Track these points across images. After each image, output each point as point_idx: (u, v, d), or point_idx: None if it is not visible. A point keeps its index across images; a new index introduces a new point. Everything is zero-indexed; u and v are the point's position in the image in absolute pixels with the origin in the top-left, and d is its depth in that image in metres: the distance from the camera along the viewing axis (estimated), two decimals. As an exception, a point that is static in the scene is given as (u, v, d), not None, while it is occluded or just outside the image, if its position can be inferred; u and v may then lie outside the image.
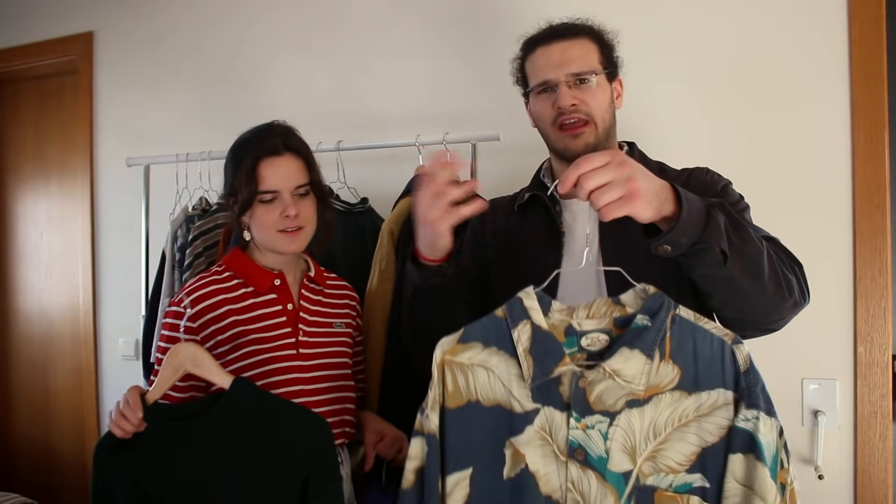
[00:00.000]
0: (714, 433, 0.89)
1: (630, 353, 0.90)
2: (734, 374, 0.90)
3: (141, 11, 2.52)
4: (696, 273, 0.97)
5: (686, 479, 0.90)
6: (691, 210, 0.90)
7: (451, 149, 1.70)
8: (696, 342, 0.91)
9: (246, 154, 1.29)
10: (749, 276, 0.97)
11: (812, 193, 1.62)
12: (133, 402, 1.13)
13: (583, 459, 0.92)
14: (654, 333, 0.91)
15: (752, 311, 1.00)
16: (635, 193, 0.85)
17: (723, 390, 0.90)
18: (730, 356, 0.90)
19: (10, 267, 2.93)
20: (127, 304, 2.50)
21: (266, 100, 2.27)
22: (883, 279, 1.57)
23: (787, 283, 1.02)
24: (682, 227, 0.89)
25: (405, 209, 1.63)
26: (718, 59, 1.72)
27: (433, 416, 0.95)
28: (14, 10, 2.79)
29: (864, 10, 1.59)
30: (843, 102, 1.60)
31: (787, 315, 1.06)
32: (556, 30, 1.23)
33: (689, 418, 0.90)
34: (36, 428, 2.82)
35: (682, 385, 0.91)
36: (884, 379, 1.56)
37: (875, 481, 1.55)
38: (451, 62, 2.01)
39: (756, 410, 0.87)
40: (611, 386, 0.91)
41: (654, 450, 0.91)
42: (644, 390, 0.90)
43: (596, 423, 0.91)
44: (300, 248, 1.32)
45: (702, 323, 0.92)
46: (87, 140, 2.63)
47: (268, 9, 2.28)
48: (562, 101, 1.17)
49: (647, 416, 0.91)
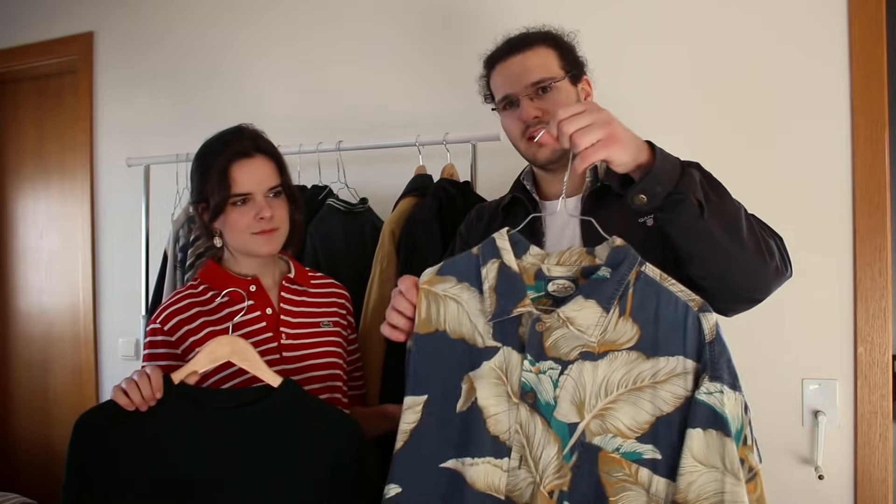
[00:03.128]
0: (669, 402, 0.87)
1: (585, 302, 0.90)
2: (697, 342, 0.87)
3: (141, 12, 2.52)
4: (674, 229, 0.97)
5: (636, 448, 0.88)
6: (665, 161, 0.93)
7: (451, 149, 1.71)
8: (659, 303, 0.89)
9: (215, 158, 1.26)
10: (727, 231, 0.96)
11: (812, 193, 1.62)
12: (154, 376, 1.08)
13: (532, 403, 0.91)
14: (614, 286, 0.90)
15: (733, 275, 0.99)
16: (613, 136, 0.88)
17: (682, 358, 0.87)
18: (694, 323, 0.87)
19: (10, 267, 2.93)
20: (127, 304, 2.50)
21: (266, 99, 2.27)
22: (883, 279, 1.56)
23: (767, 245, 1.02)
24: (657, 174, 0.91)
25: (406, 209, 1.63)
26: (718, 58, 1.72)
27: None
28: (14, 10, 2.79)
29: (864, 10, 1.59)
30: (843, 102, 1.60)
31: (770, 282, 1.04)
32: (512, 43, 1.24)
33: (645, 383, 0.88)
34: (36, 428, 2.83)
35: (639, 346, 0.89)
36: (884, 379, 1.56)
37: (875, 481, 1.55)
38: (451, 62, 2.01)
39: (720, 383, 0.84)
40: (566, 334, 0.90)
41: (603, 408, 0.89)
42: (598, 343, 0.89)
43: (548, 369, 0.91)
44: (276, 250, 1.30)
45: (668, 284, 0.90)
46: (87, 140, 2.63)
47: (268, 9, 2.28)
48: (524, 114, 1.19)
49: (601, 371, 0.90)
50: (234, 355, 1.14)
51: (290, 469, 1.09)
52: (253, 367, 1.14)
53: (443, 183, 1.63)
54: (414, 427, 0.96)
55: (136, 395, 1.07)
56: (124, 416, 1.07)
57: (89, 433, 1.08)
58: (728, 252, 0.97)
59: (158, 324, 1.28)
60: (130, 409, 1.07)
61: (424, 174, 1.72)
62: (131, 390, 1.07)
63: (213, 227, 1.31)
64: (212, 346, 1.14)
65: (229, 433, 1.09)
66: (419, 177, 1.71)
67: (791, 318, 1.61)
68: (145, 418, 1.08)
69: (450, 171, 1.69)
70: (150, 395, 1.07)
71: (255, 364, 1.14)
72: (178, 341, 1.26)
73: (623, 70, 1.75)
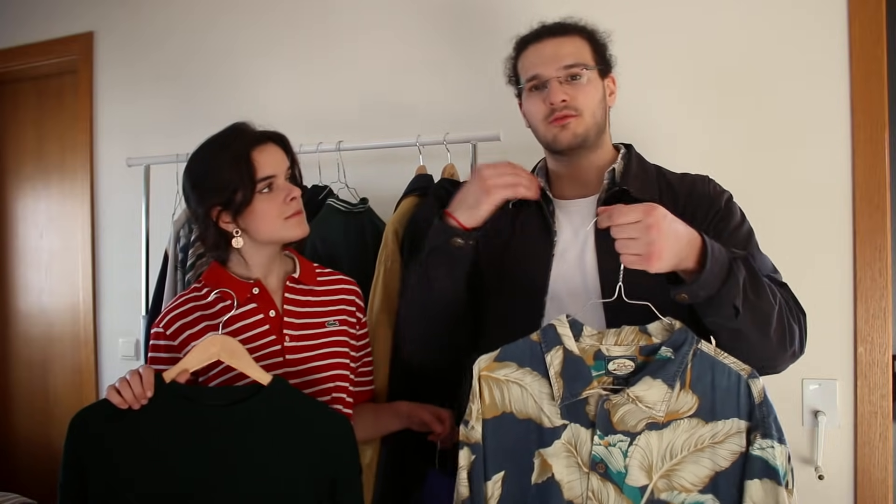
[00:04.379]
0: (727, 458, 0.98)
1: (653, 381, 0.99)
2: (749, 405, 0.98)
3: (141, 12, 2.52)
4: (707, 320, 1.04)
5: (698, 499, 0.98)
6: (714, 266, 0.98)
7: (452, 149, 1.71)
8: (714, 374, 0.99)
9: (228, 152, 1.24)
10: (757, 329, 1.03)
11: (812, 193, 1.63)
12: (146, 375, 1.10)
13: (603, 472, 1.00)
14: (677, 366, 0.99)
15: (750, 358, 1.03)
16: (652, 255, 0.95)
17: (737, 420, 0.98)
18: (745, 389, 0.98)
19: (10, 267, 2.93)
20: (127, 304, 2.50)
21: (266, 99, 2.27)
22: (883, 279, 1.57)
23: (791, 334, 1.07)
24: (704, 281, 0.98)
25: (408, 209, 1.63)
26: (718, 58, 1.72)
27: (477, 427, 1.05)
28: (14, 10, 2.79)
29: (864, 10, 1.59)
30: (843, 102, 1.60)
31: (782, 364, 1.11)
32: (549, 28, 1.25)
33: (705, 444, 0.99)
34: (36, 428, 2.83)
35: (699, 413, 0.99)
36: (884, 379, 1.56)
37: (875, 481, 1.56)
38: (452, 62, 2.01)
39: (771, 440, 0.95)
40: (633, 409, 0.99)
41: (669, 469, 1.00)
42: (664, 416, 0.99)
43: (617, 442, 1.00)
44: (307, 231, 1.30)
45: (721, 357, 1.00)
46: (87, 140, 2.63)
47: (268, 9, 2.28)
48: (552, 96, 1.18)
49: (666, 438, 1.00)
50: (224, 353, 1.15)
51: (283, 466, 1.10)
52: (243, 365, 1.15)
53: (444, 183, 1.63)
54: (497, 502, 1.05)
55: (128, 393, 1.09)
56: (119, 415, 1.09)
57: (85, 431, 1.10)
58: (753, 344, 1.04)
59: (161, 328, 1.28)
60: (123, 408, 1.09)
61: (425, 174, 1.72)
62: (124, 389, 1.09)
63: (232, 229, 1.27)
64: (203, 345, 1.16)
65: (221, 430, 1.11)
66: (420, 177, 1.71)
67: (791, 318, 1.61)
68: (139, 416, 1.09)
69: (450, 171, 1.69)
70: (140, 392, 1.09)
71: (245, 363, 1.15)
72: (180, 345, 1.26)
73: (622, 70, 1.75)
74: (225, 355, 1.15)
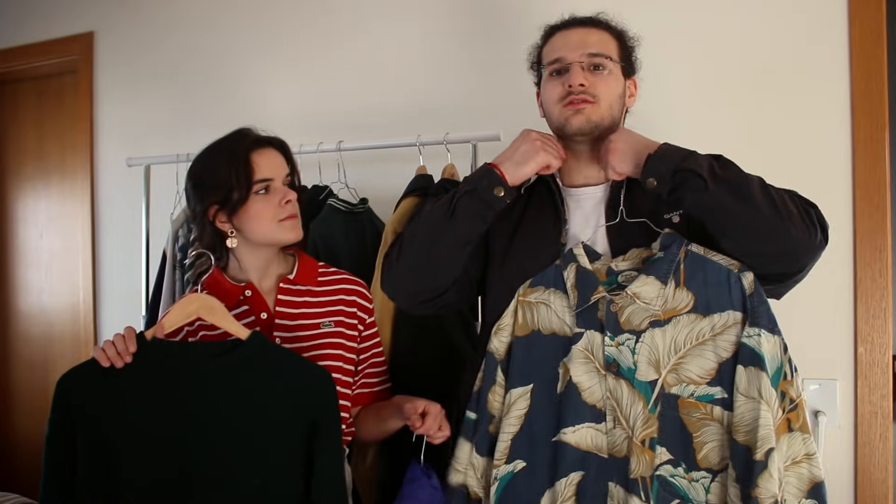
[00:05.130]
0: (728, 349, 1.06)
1: (646, 278, 1.10)
2: (741, 297, 1.06)
3: (141, 12, 2.52)
4: (690, 207, 1.09)
5: (708, 391, 1.06)
6: (671, 147, 1.10)
7: (452, 149, 1.71)
8: (706, 271, 1.08)
9: (229, 153, 1.26)
10: (736, 197, 1.04)
11: (812, 193, 1.60)
12: (128, 334, 1.15)
13: (616, 371, 1.10)
14: (668, 263, 1.09)
15: (751, 238, 1.06)
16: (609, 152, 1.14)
17: (732, 311, 1.06)
18: (736, 281, 1.07)
19: (10, 267, 2.93)
20: (127, 304, 2.50)
21: (266, 100, 2.27)
22: (883, 279, 1.57)
23: (786, 208, 1.05)
24: (661, 155, 1.08)
25: (408, 209, 1.62)
26: (717, 58, 1.72)
27: (498, 338, 1.21)
28: (14, 10, 2.79)
29: (864, 10, 1.59)
30: (843, 102, 1.60)
31: (800, 245, 1.07)
32: (579, 19, 1.27)
33: (706, 337, 1.07)
34: (36, 428, 2.82)
35: (696, 309, 1.08)
36: (884, 379, 1.56)
37: (875, 481, 1.56)
38: (452, 62, 2.01)
39: (758, 328, 1.03)
40: (636, 308, 1.10)
41: (675, 363, 1.08)
42: (662, 312, 1.09)
43: (625, 341, 1.10)
44: (300, 236, 1.31)
45: (711, 255, 1.09)
46: (87, 140, 2.63)
47: (268, 9, 2.28)
48: (572, 78, 1.18)
49: (668, 334, 1.09)
50: (203, 310, 1.18)
51: (265, 419, 1.13)
52: (221, 320, 1.18)
53: (444, 183, 1.63)
54: (527, 411, 1.16)
55: (111, 350, 1.13)
56: (104, 372, 1.14)
57: (71, 388, 1.14)
58: (740, 217, 1.05)
59: None
60: (107, 365, 1.13)
61: (425, 174, 1.72)
62: (108, 347, 1.14)
63: (228, 229, 1.28)
64: (181, 303, 1.20)
65: (202, 384, 1.14)
66: (420, 177, 1.71)
67: (791, 318, 1.60)
68: (123, 374, 1.14)
69: (450, 171, 1.69)
70: (123, 349, 1.13)
71: (224, 318, 1.18)
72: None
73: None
74: (204, 312, 1.18)
